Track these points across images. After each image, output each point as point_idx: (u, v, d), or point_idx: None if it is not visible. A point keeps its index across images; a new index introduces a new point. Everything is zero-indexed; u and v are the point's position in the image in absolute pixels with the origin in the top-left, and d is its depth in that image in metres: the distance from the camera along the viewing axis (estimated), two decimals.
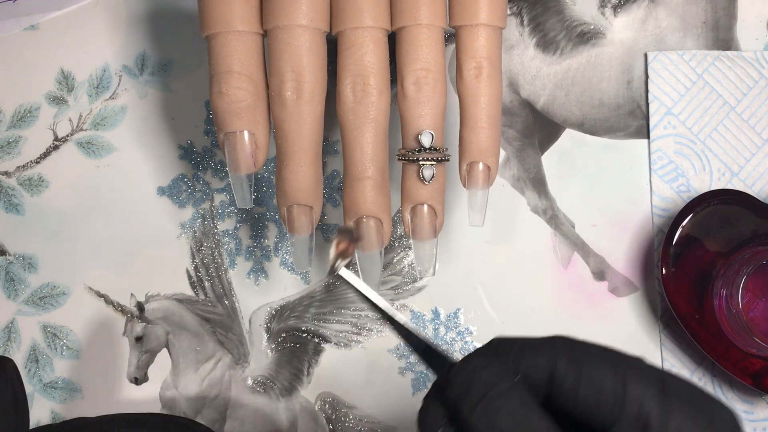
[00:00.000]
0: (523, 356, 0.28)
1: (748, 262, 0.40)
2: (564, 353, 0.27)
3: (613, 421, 0.26)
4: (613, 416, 0.26)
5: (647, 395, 0.26)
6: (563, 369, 0.27)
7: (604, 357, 0.27)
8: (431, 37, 0.36)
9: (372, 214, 0.36)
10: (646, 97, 0.44)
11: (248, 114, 0.35)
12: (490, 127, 0.36)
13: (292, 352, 0.44)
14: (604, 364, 0.27)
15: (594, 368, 0.27)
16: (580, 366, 0.27)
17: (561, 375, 0.27)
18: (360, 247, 0.36)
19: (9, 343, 0.45)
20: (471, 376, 0.27)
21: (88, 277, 0.45)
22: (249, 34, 0.35)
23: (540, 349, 0.28)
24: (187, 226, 0.45)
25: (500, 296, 0.44)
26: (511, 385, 0.27)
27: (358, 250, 0.36)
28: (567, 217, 0.44)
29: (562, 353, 0.27)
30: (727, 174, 0.44)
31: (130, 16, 0.46)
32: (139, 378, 0.44)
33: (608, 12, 0.45)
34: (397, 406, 0.44)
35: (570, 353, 0.27)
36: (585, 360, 0.27)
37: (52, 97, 0.46)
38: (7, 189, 0.45)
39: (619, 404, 0.26)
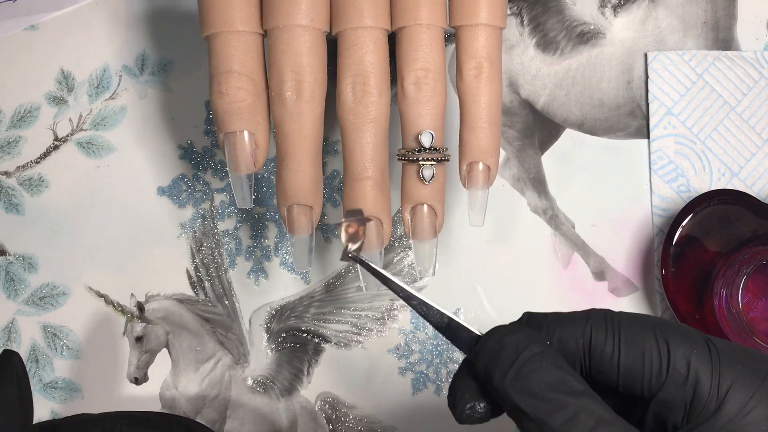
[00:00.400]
0: (557, 326, 0.27)
1: (748, 262, 0.40)
2: (601, 321, 0.26)
3: (660, 384, 0.25)
4: (659, 380, 0.25)
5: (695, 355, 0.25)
6: (602, 336, 0.26)
7: (644, 321, 0.26)
8: (431, 37, 0.36)
9: (372, 214, 0.36)
10: (646, 97, 0.44)
11: (248, 114, 0.35)
12: (490, 127, 0.36)
13: (292, 352, 0.44)
14: (644, 328, 0.26)
15: (635, 332, 0.26)
16: (619, 331, 0.26)
17: (600, 342, 0.26)
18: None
19: (9, 344, 0.45)
20: (501, 342, 0.26)
21: (88, 277, 0.45)
22: (249, 34, 0.35)
23: (575, 319, 0.27)
24: (187, 226, 0.45)
25: (500, 296, 0.44)
26: (543, 349, 0.26)
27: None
28: (567, 217, 0.44)
29: (599, 321, 0.26)
30: (727, 174, 0.44)
31: (130, 16, 0.46)
32: (139, 378, 0.44)
33: (608, 12, 0.45)
34: (397, 406, 0.44)
35: (608, 320, 0.26)
36: (624, 325, 0.26)
37: (52, 97, 0.46)
38: (7, 189, 0.45)
39: (665, 366, 0.25)
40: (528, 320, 0.28)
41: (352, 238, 0.31)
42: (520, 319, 0.28)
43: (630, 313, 0.27)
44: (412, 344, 0.44)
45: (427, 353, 0.44)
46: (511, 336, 0.26)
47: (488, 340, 0.27)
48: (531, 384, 0.25)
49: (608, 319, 0.26)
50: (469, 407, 0.27)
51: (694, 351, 0.25)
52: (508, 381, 0.25)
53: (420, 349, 0.44)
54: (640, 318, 0.26)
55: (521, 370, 0.25)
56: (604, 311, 0.27)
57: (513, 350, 0.26)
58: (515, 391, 0.25)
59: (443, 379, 0.44)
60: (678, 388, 0.25)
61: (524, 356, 0.25)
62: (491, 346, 0.27)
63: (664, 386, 0.25)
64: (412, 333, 0.44)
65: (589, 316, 0.27)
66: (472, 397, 0.27)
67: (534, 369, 0.25)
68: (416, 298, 0.29)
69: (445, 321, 0.29)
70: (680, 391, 0.25)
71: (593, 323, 0.26)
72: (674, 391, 0.25)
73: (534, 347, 0.26)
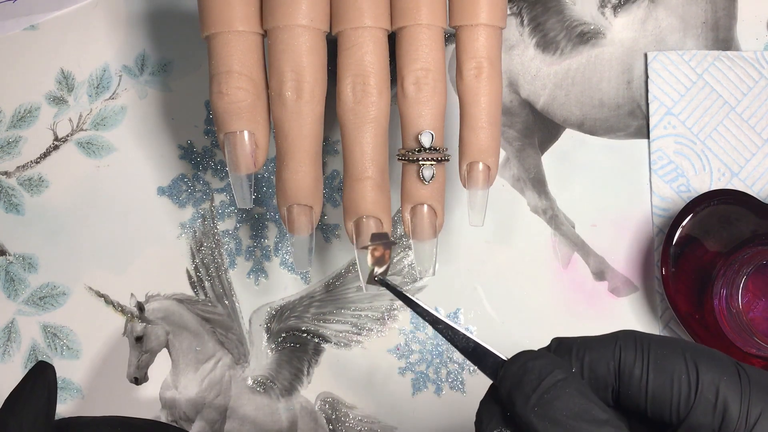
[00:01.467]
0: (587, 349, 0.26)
1: (748, 262, 0.40)
2: (630, 344, 0.26)
3: (689, 409, 0.25)
4: (687, 405, 0.25)
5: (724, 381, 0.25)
6: (631, 358, 0.26)
7: (673, 345, 0.26)
8: (431, 37, 0.36)
9: (372, 214, 0.36)
10: (646, 97, 0.44)
11: (248, 114, 0.35)
12: (490, 127, 0.36)
13: (292, 352, 0.44)
14: (674, 352, 0.25)
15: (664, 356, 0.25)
16: (648, 354, 0.26)
17: (629, 366, 0.26)
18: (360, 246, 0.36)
19: (9, 343, 0.45)
20: (524, 367, 0.26)
21: (88, 277, 0.45)
22: (249, 34, 0.35)
23: (604, 342, 0.26)
24: (187, 226, 0.45)
25: (500, 296, 0.44)
26: (567, 375, 0.25)
27: (358, 250, 0.36)
28: (567, 217, 0.44)
29: (628, 344, 0.26)
30: (727, 174, 0.44)
31: (130, 16, 0.46)
32: (139, 378, 0.44)
33: (608, 12, 0.45)
34: (397, 406, 0.44)
35: (637, 343, 0.26)
36: (653, 348, 0.26)
37: (52, 97, 0.46)
38: (7, 189, 0.45)
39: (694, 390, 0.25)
40: (557, 346, 0.28)
41: (378, 261, 0.31)
42: (549, 345, 0.28)
43: (660, 336, 0.26)
44: (412, 344, 0.44)
45: (427, 353, 0.44)
46: (535, 361, 0.26)
47: (512, 365, 0.27)
48: (553, 411, 0.25)
49: (638, 342, 0.26)
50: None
51: (724, 377, 0.25)
52: (530, 407, 0.25)
53: (420, 349, 0.44)
54: (669, 341, 0.26)
55: (544, 396, 0.25)
56: (633, 333, 0.27)
57: (536, 376, 0.26)
58: (537, 417, 0.25)
59: (443, 379, 0.44)
60: (706, 415, 0.24)
61: (547, 382, 0.25)
62: (515, 372, 0.26)
63: (692, 412, 0.25)
64: (412, 333, 0.44)
65: (618, 338, 0.26)
66: (498, 424, 0.27)
67: (557, 396, 0.25)
68: (442, 322, 0.29)
69: (471, 345, 0.29)
70: (708, 417, 0.24)
71: (622, 345, 0.26)
72: (702, 417, 0.25)
73: (558, 374, 0.26)
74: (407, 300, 0.30)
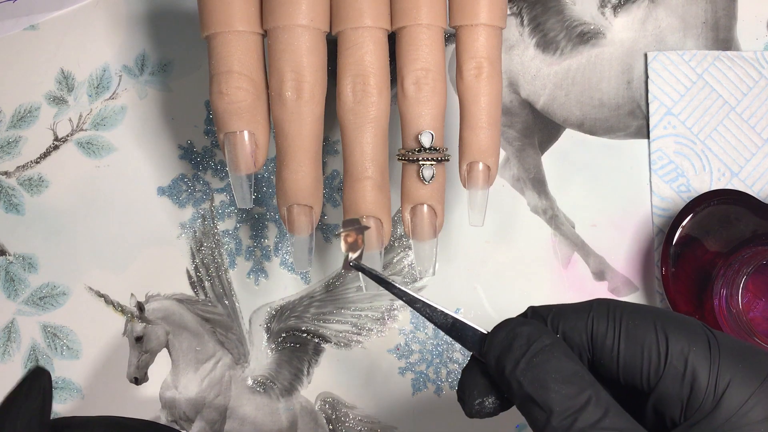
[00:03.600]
0: (561, 319, 0.27)
1: (748, 262, 0.40)
2: (603, 313, 0.26)
3: (658, 378, 0.25)
4: (657, 373, 0.25)
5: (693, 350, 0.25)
6: (603, 328, 0.26)
7: (645, 313, 0.26)
8: (431, 37, 0.36)
9: (372, 214, 0.36)
10: (646, 97, 0.44)
11: (248, 114, 0.35)
12: (490, 127, 0.36)
13: (292, 352, 0.44)
14: (645, 320, 0.26)
15: (635, 325, 0.26)
16: (620, 324, 0.26)
17: (601, 335, 0.26)
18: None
19: (9, 343, 0.45)
20: (513, 333, 0.27)
21: (88, 277, 0.45)
22: (249, 34, 0.35)
23: (578, 311, 0.27)
24: (187, 226, 0.45)
25: (500, 296, 0.44)
26: (554, 340, 0.26)
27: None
28: (567, 217, 0.44)
29: (601, 313, 0.26)
30: (727, 174, 0.44)
31: (130, 16, 0.46)
32: (139, 378, 0.44)
33: (608, 12, 0.45)
34: (397, 406, 0.44)
35: (609, 312, 0.26)
36: (625, 317, 0.26)
37: (52, 97, 0.46)
38: (7, 189, 0.45)
39: (663, 360, 0.25)
40: (532, 314, 0.28)
41: (351, 247, 0.32)
42: (524, 313, 0.29)
43: (634, 304, 0.27)
44: (412, 344, 0.44)
45: (427, 353, 0.44)
46: (523, 327, 0.27)
47: (499, 332, 0.27)
48: (542, 374, 0.25)
49: (610, 311, 0.26)
50: (478, 402, 0.28)
51: (693, 347, 0.25)
52: (520, 371, 0.26)
53: (420, 349, 0.44)
54: (642, 310, 0.26)
55: (533, 359, 0.26)
56: (606, 302, 0.27)
57: (525, 341, 0.26)
58: (527, 380, 0.25)
59: (443, 379, 0.44)
60: (675, 384, 0.25)
61: (536, 347, 0.26)
62: (503, 338, 0.27)
63: (661, 381, 0.25)
64: (412, 333, 0.44)
65: (592, 308, 0.27)
66: (481, 393, 0.28)
67: (546, 359, 0.25)
68: (419, 301, 0.30)
69: (450, 321, 0.29)
70: (677, 386, 0.25)
71: (595, 315, 0.26)
72: (671, 386, 0.25)
73: (545, 338, 0.26)
74: (384, 282, 0.31)
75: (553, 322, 0.27)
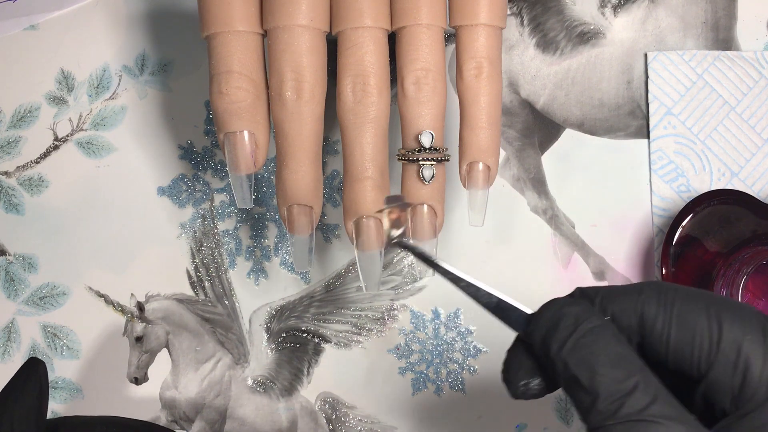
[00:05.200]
0: (610, 301, 0.26)
1: (748, 262, 0.40)
2: (654, 296, 0.26)
3: (709, 365, 0.24)
4: (708, 361, 0.24)
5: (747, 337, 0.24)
6: (653, 312, 0.25)
7: (698, 298, 0.25)
8: (431, 37, 0.36)
9: (372, 214, 0.36)
10: (646, 97, 0.44)
11: (248, 114, 0.35)
12: (490, 127, 0.36)
13: (292, 352, 0.44)
14: (697, 305, 0.25)
15: (687, 309, 0.25)
16: (671, 307, 0.25)
17: (651, 318, 0.25)
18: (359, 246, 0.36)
19: (9, 343, 0.45)
20: (560, 312, 0.26)
21: (88, 277, 0.45)
22: (249, 34, 0.35)
23: (628, 293, 0.26)
24: (187, 226, 0.45)
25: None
26: (602, 322, 0.25)
27: (358, 250, 0.36)
28: (567, 217, 0.44)
29: (651, 296, 0.26)
30: (727, 174, 0.44)
31: (130, 16, 0.46)
32: (139, 378, 0.44)
33: (608, 12, 0.45)
34: (397, 406, 0.44)
35: (660, 295, 0.25)
36: (677, 301, 0.25)
37: (52, 97, 0.46)
38: (7, 189, 0.45)
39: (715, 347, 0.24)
40: (580, 295, 0.27)
41: (395, 224, 0.31)
42: (572, 293, 0.28)
43: (687, 288, 0.26)
44: (412, 344, 0.44)
45: (427, 353, 0.44)
46: (571, 307, 0.26)
47: (547, 311, 0.27)
48: (589, 355, 0.24)
49: (662, 294, 0.26)
50: (523, 384, 0.27)
51: (748, 336, 0.24)
52: (567, 351, 0.25)
53: (420, 349, 0.44)
54: (695, 294, 0.25)
55: (580, 340, 0.25)
56: (657, 285, 0.26)
57: (572, 321, 0.25)
58: (573, 361, 0.25)
59: (443, 379, 0.44)
60: (726, 373, 0.24)
61: (584, 327, 0.25)
62: (550, 316, 0.26)
63: (712, 370, 0.24)
64: (412, 333, 0.44)
65: (643, 290, 0.26)
66: (526, 375, 0.27)
67: (593, 341, 0.25)
68: (464, 280, 0.29)
69: (494, 301, 0.28)
70: (728, 376, 0.24)
71: (646, 298, 0.26)
72: (723, 375, 0.24)
73: (594, 319, 0.25)
74: (429, 261, 0.30)
75: (602, 303, 0.26)
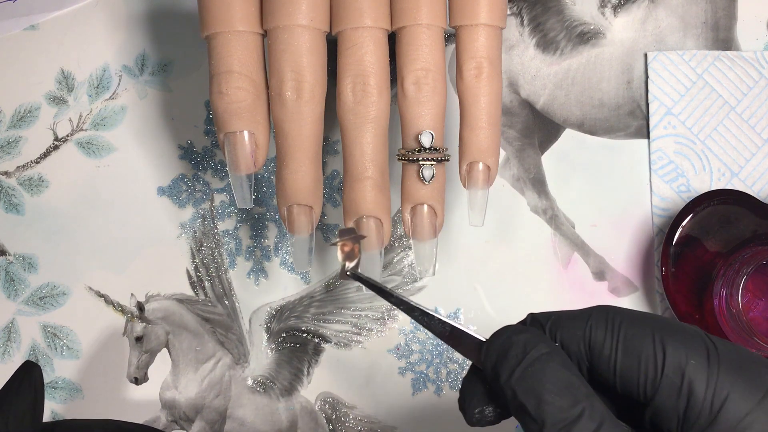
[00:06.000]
0: (559, 327, 0.26)
1: (748, 262, 0.40)
2: (601, 321, 0.26)
3: (654, 390, 0.24)
4: (654, 386, 0.24)
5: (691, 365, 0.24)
6: (601, 337, 0.25)
7: (644, 322, 0.25)
8: (431, 37, 0.36)
9: (372, 214, 0.36)
10: (646, 97, 0.44)
11: (248, 114, 0.35)
12: (490, 127, 0.36)
13: (292, 352, 0.44)
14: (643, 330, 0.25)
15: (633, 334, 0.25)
16: (618, 332, 0.25)
17: (599, 344, 0.25)
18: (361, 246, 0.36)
19: (9, 343, 0.45)
20: (509, 341, 0.26)
21: (88, 277, 0.45)
22: (249, 34, 0.35)
23: (576, 318, 0.26)
24: (187, 226, 0.45)
25: (500, 296, 0.44)
26: (551, 349, 0.25)
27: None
28: (567, 217, 0.44)
29: (599, 321, 0.26)
30: (727, 174, 0.44)
31: (130, 16, 0.46)
32: (139, 378, 0.44)
33: (608, 12, 0.45)
34: (397, 406, 0.44)
35: (608, 320, 0.26)
36: (624, 326, 0.25)
37: (52, 97, 0.46)
38: (7, 189, 0.45)
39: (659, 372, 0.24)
40: (531, 321, 0.28)
41: (348, 256, 0.32)
42: (524, 320, 0.28)
43: (635, 312, 0.26)
44: (412, 344, 0.44)
45: (427, 353, 0.44)
46: (520, 335, 0.26)
47: (497, 339, 0.27)
48: (537, 384, 0.24)
49: (609, 319, 0.26)
50: (478, 411, 0.27)
51: (691, 360, 0.24)
52: (515, 379, 0.25)
53: (420, 349, 0.44)
54: (642, 318, 0.26)
55: (528, 369, 0.25)
56: (606, 309, 0.26)
57: (521, 349, 0.26)
58: (521, 390, 0.25)
59: (443, 379, 0.44)
60: (671, 397, 0.24)
61: (532, 356, 0.25)
62: (500, 344, 0.26)
63: (658, 394, 0.24)
64: (412, 333, 0.44)
65: (591, 316, 0.26)
66: (481, 402, 0.27)
67: (541, 369, 0.25)
68: (417, 309, 0.29)
69: (448, 329, 0.29)
70: (673, 399, 0.24)
71: (594, 323, 0.26)
72: (667, 399, 0.24)
73: (542, 347, 0.25)
74: (381, 291, 0.30)
75: (552, 329, 0.27)
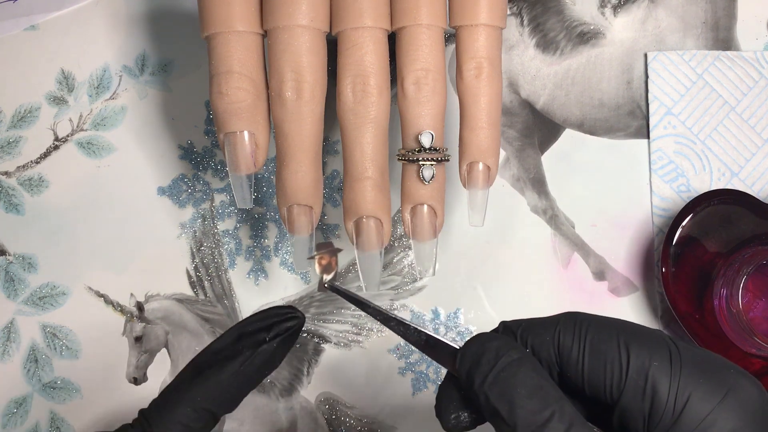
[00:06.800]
0: (530, 333, 0.27)
1: (748, 262, 0.40)
2: (569, 326, 0.27)
3: (620, 392, 0.25)
4: (619, 388, 0.25)
5: (654, 367, 0.25)
6: (569, 342, 0.26)
7: (610, 327, 0.26)
8: (431, 37, 0.36)
9: (372, 214, 0.36)
10: (646, 97, 0.44)
11: (248, 114, 0.35)
12: (490, 127, 0.36)
13: (292, 352, 0.44)
14: (609, 334, 0.26)
15: (599, 339, 0.26)
16: (585, 337, 0.26)
17: (567, 348, 0.26)
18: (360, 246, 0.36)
19: (8, 343, 0.45)
20: (482, 347, 0.27)
21: (88, 277, 0.45)
22: (249, 34, 0.35)
23: (546, 325, 0.27)
24: (187, 226, 0.45)
25: (500, 296, 0.44)
26: (522, 355, 0.26)
27: (358, 250, 0.36)
28: (567, 217, 0.44)
29: (567, 327, 0.27)
30: (727, 174, 0.44)
31: (130, 16, 0.46)
32: (138, 378, 0.44)
33: (608, 12, 0.45)
34: (397, 406, 0.44)
35: (575, 326, 0.27)
36: (590, 331, 0.26)
37: (53, 97, 0.46)
38: (7, 189, 0.45)
39: (624, 374, 0.25)
40: (503, 329, 0.29)
41: (326, 269, 0.33)
42: (496, 328, 0.29)
43: (601, 317, 0.27)
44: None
45: None
46: (492, 342, 0.27)
47: (471, 346, 0.28)
48: (508, 388, 0.26)
49: (576, 325, 0.27)
50: (454, 417, 0.28)
51: (654, 362, 0.25)
52: (488, 384, 0.26)
53: None
54: (608, 323, 0.27)
55: (500, 374, 0.26)
56: (574, 316, 0.27)
57: (493, 355, 0.27)
58: (493, 395, 0.26)
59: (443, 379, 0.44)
60: (636, 398, 0.25)
61: (503, 361, 0.26)
62: (473, 351, 0.27)
63: (623, 395, 0.25)
64: None
65: (559, 322, 0.27)
66: (456, 408, 0.28)
67: (512, 374, 0.26)
68: (394, 319, 0.30)
69: (423, 338, 0.30)
70: (638, 401, 0.25)
71: (562, 329, 0.27)
72: (632, 400, 0.25)
73: (513, 353, 0.27)
74: (358, 302, 0.32)
75: (523, 336, 0.28)
